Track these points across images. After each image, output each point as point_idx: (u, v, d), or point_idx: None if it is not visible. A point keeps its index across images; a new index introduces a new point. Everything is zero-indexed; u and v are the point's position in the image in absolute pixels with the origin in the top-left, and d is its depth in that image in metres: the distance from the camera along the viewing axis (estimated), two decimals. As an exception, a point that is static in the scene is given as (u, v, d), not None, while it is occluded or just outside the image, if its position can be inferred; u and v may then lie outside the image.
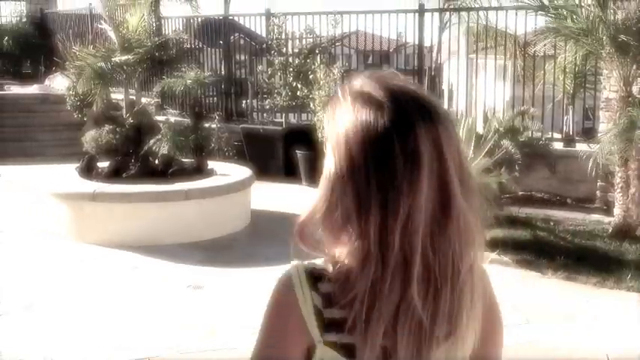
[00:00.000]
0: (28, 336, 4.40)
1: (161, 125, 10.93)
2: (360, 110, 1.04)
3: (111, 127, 11.16)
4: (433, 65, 11.13)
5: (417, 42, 9.86)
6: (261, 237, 6.61)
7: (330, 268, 1.08)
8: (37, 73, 16.00)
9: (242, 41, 12.42)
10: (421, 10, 9.69)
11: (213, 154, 10.08)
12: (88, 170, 6.90)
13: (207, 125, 10.61)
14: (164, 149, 10.02)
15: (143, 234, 6.23)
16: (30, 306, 4.87)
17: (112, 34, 11.99)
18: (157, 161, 7.35)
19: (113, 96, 11.99)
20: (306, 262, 1.11)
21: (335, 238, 1.07)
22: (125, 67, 11.25)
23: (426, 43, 10.11)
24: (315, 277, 1.08)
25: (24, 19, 17.41)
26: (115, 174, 6.79)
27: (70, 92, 11.83)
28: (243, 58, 12.14)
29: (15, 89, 13.97)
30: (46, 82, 13.70)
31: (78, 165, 7.02)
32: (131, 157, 7.26)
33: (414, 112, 1.03)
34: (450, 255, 1.03)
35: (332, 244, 1.08)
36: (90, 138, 11.04)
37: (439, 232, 1.02)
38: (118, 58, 11.19)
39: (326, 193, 1.06)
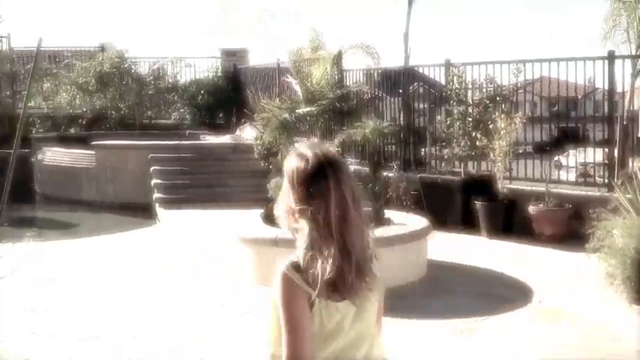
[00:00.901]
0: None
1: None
2: (297, 160, 2.05)
3: (293, 175, 11.61)
4: (626, 113, 10.45)
5: (606, 88, 9.34)
6: (438, 289, 6.51)
7: (300, 259, 2.04)
8: (229, 124, 17.17)
9: (421, 90, 12.51)
10: (611, 57, 9.14)
11: (391, 202, 10.16)
12: (272, 216, 7.20)
13: (385, 174, 10.74)
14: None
15: (321, 280, 6.37)
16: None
17: (296, 87, 12.64)
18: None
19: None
20: (287, 262, 2.07)
21: (290, 219, 2.12)
22: (308, 118, 11.78)
23: (618, 89, 9.55)
24: (295, 267, 2.04)
25: (219, 74, 18.87)
26: (296, 221, 7.03)
27: (257, 142, 12.53)
28: (422, 106, 12.21)
29: (210, 139, 15.07)
30: (237, 132, 14.65)
31: (262, 211, 7.37)
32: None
33: (325, 162, 2.02)
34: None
35: (289, 222, 2.14)
36: (274, 185, 11.56)
37: (345, 226, 2.00)
38: (302, 109, 11.76)
39: (284, 197, 2.11)
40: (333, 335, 2.05)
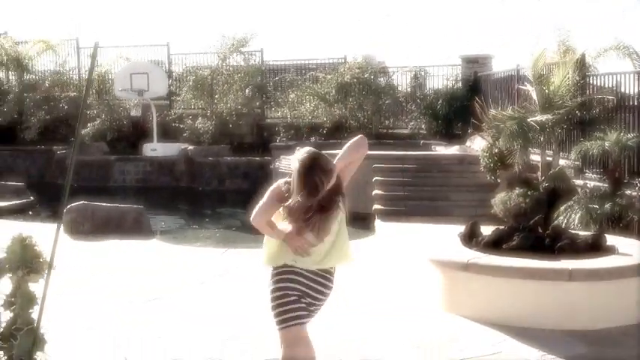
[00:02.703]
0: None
1: (579, 190, 10.04)
2: (298, 160, 3.57)
3: (522, 190, 10.65)
4: None
5: None
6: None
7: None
8: (465, 134, 16.47)
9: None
10: None
11: (631, 226, 8.79)
12: (470, 237, 6.52)
13: (627, 193, 9.34)
14: (574, 218, 9.15)
15: (513, 312, 5.58)
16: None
17: (533, 94, 11.61)
18: (546, 233, 6.57)
19: (530, 157, 11.52)
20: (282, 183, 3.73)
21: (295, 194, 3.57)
22: (546, 128, 10.75)
23: None
24: (285, 183, 3.71)
25: (458, 82, 18.22)
26: (496, 244, 6.26)
27: (485, 153, 11.74)
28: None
29: (439, 149, 14.54)
30: (467, 142, 13.91)
31: (461, 231, 6.70)
32: (518, 227, 6.63)
33: (313, 161, 3.56)
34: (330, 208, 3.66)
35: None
36: (499, 201, 10.71)
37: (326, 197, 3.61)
38: (537, 118, 10.75)
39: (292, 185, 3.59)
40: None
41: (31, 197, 14.57)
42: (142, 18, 44.82)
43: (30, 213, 13.83)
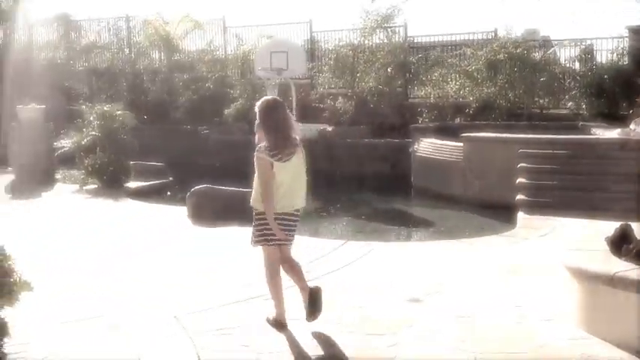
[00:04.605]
0: None
1: None
2: (261, 101, 5.17)
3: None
4: None
5: None
6: None
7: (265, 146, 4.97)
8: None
9: None
10: None
11: None
12: (621, 243, 5.30)
13: None
14: None
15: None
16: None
17: None
18: None
19: None
20: (260, 147, 4.95)
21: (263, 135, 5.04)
22: None
23: None
24: (264, 149, 4.93)
25: (624, 56, 16.20)
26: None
27: (652, 137, 10.10)
28: None
29: (598, 133, 12.89)
30: (632, 125, 12.16)
31: (609, 235, 5.49)
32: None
33: (276, 102, 5.22)
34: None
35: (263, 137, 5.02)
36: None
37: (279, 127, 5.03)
38: None
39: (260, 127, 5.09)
40: (283, 182, 4.99)
41: (170, 178, 14.66)
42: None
43: (169, 193, 13.90)
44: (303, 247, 8.02)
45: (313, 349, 4.82)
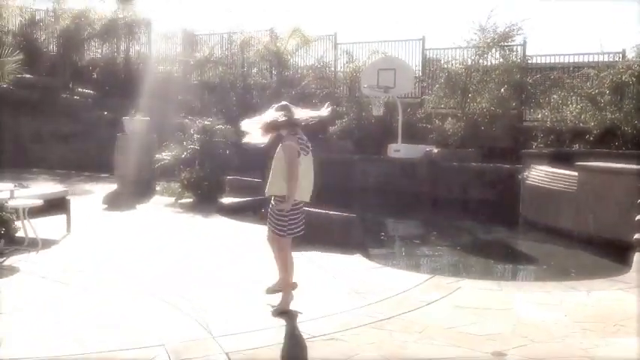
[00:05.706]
0: None
1: None
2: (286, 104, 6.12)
3: None
4: None
5: None
6: None
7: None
8: None
9: None
10: None
11: None
12: None
13: None
14: None
15: None
16: None
17: None
18: None
19: None
20: (292, 139, 5.85)
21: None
22: None
23: None
24: (295, 141, 5.90)
25: None
26: None
27: None
28: None
29: None
30: None
31: None
32: None
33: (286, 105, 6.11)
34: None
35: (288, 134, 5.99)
36: None
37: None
38: None
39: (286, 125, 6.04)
40: (306, 170, 5.86)
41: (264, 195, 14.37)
42: (398, 11, 43.99)
43: (262, 210, 13.58)
44: (383, 279, 7.42)
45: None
